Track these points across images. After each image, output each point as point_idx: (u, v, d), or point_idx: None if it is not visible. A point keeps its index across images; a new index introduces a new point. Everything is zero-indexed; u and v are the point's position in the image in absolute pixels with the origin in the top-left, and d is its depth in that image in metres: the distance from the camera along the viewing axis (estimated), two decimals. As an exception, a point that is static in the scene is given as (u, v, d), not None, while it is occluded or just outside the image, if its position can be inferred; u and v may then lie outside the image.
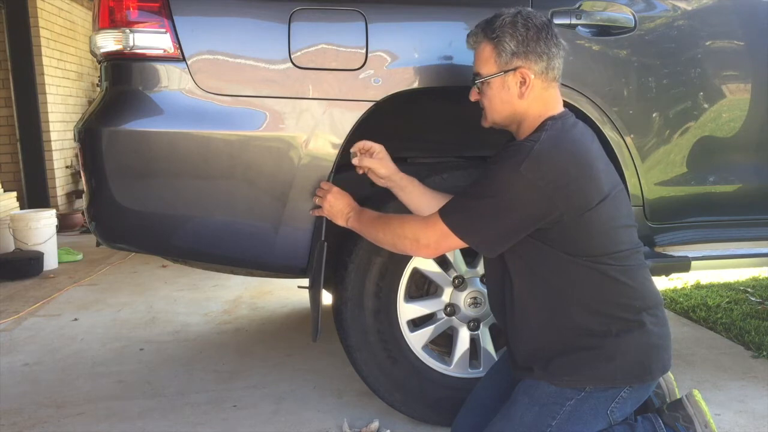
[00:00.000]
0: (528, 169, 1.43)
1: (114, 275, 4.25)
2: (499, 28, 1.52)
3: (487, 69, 1.56)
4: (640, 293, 1.55)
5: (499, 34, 1.52)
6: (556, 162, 1.45)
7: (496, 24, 1.53)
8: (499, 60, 1.54)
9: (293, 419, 2.11)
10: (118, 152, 1.67)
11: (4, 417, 2.18)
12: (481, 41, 1.56)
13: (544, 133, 1.50)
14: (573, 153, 1.48)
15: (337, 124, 1.72)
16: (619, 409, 1.54)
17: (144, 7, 1.63)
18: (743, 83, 2.06)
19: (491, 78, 1.55)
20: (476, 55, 1.59)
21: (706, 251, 2.07)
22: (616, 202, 1.54)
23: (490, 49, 1.54)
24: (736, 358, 2.53)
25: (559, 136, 1.50)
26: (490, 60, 1.55)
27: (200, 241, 1.76)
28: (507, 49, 1.52)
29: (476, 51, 1.59)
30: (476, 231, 1.51)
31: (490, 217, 1.48)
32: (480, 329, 1.99)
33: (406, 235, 1.59)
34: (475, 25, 1.59)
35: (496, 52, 1.53)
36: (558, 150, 1.47)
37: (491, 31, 1.53)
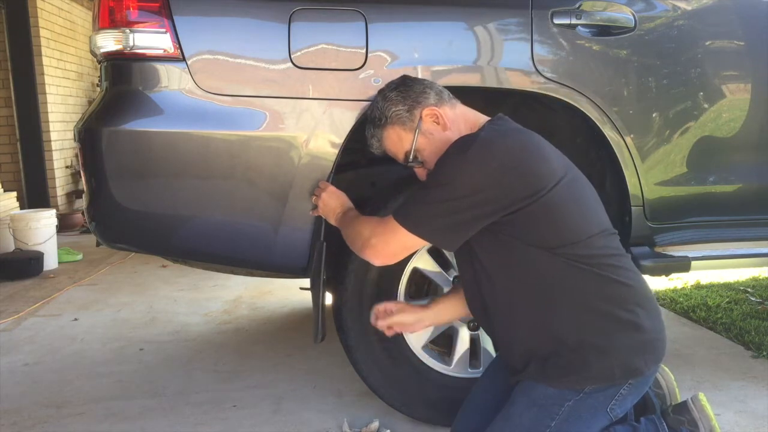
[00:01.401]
0: (475, 154, 1.43)
1: (114, 275, 4.25)
2: (381, 114, 1.62)
3: (407, 143, 1.62)
4: (627, 285, 1.52)
5: (386, 114, 1.61)
6: (503, 144, 1.46)
7: (375, 115, 1.64)
8: (405, 127, 1.61)
9: (293, 419, 2.11)
10: (118, 152, 1.67)
11: (4, 417, 2.18)
12: (382, 134, 1.64)
13: (486, 124, 1.57)
14: (518, 136, 1.50)
15: (337, 124, 1.72)
16: (619, 406, 1.54)
17: (144, 7, 1.63)
18: (743, 83, 2.06)
19: (415, 142, 1.60)
20: (389, 149, 1.66)
21: (706, 251, 2.07)
22: (577, 184, 1.52)
23: (393, 129, 1.62)
24: (736, 358, 2.53)
25: (502, 126, 1.55)
26: (401, 135, 1.61)
27: (200, 241, 1.76)
28: (402, 114, 1.60)
29: (387, 146, 1.66)
30: (428, 222, 1.50)
31: (442, 207, 1.47)
32: (480, 329, 1.99)
33: (360, 234, 1.60)
34: (365, 135, 1.68)
35: (398, 125, 1.61)
36: (503, 135, 1.50)
37: (379, 121, 1.63)
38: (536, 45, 1.82)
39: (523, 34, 1.82)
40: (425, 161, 1.63)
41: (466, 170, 1.44)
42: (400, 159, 1.65)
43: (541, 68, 1.82)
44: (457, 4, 1.82)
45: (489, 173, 1.43)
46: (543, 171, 1.46)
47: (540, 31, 1.82)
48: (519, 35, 1.82)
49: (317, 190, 1.75)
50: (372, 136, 1.67)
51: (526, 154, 1.45)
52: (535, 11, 1.81)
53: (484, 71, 1.80)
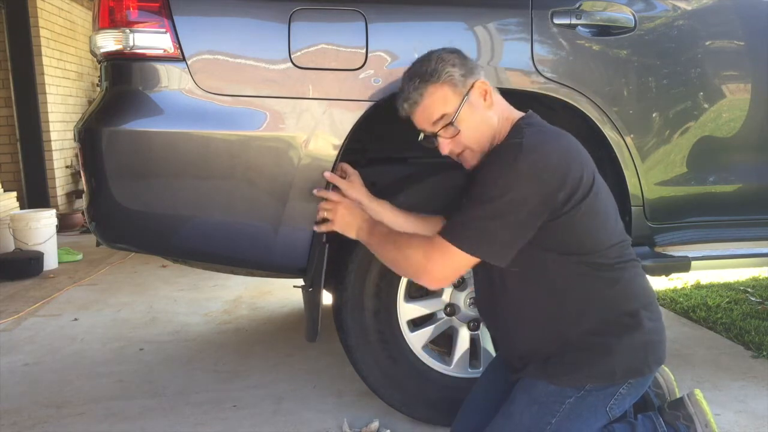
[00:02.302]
0: (524, 162, 1.42)
1: (114, 275, 4.25)
2: (434, 70, 1.54)
3: (451, 106, 1.54)
4: (633, 290, 1.55)
5: (439, 71, 1.54)
6: (549, 150, 1.46)
7: (425, 69, 1.54)
8: (455, 90, 1.54)
9: (293, 419, 2.11)
10: (118, 152, 1.67)
11: (4, 417, 2.18)
12: (427, 89, 1.54)
13: (525, 129, 1.52)
14: (559, 141, 1.50)
15: (337, 124, 1.72)
16: (618, 406, 1.55)
17: (144, 7, 1.63)
18: (743, 83, 2.06)
19: (460, 109, 1.54)
20: (427, 108, 1.56)
21: (706, 251, 2.07)
22: (605, 189, 1.55)
23: (442, 88, 1.54)
24: (736, 358, 2.53)
25: (541, 130, 1.53)
26: (448, 96, 1.54)
27: (200, 241, 1.76)
28: (456, 76, 1.54)
29: (426, 104, 1.55)
30: (486, 241, 1.46)
31: (499, 222, 1.44)
32: (480, 329, 1.99)
33: (411, 258, 1.53)
34: (402, 89, 1.58)
35: (449, 86, 1.54)
36: (546, 141, 1.49)
37: (431, 76, 1.54)
38: (536, 45, 1.82)
39: (523, 34, 1.82)
40: (461, 133, 1.55)
41: (518, 181, 1.42)
42: (434, 120, 1.56)
43: (541, 68, 1.82)
44: (457, 4, 1.82)
45: (540, 180, 1.43)
46: (585, 174, 1.48)
47: (540, 31, 1.82)
48: (519, 35, 1.82)
49: (329, 204, 1.68)
50: (413, 90, 1.55)
51: (569, 161, 1.47)
52: (535, 11, 1.81)
53: (484, 71, 1.79)
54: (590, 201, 1.48)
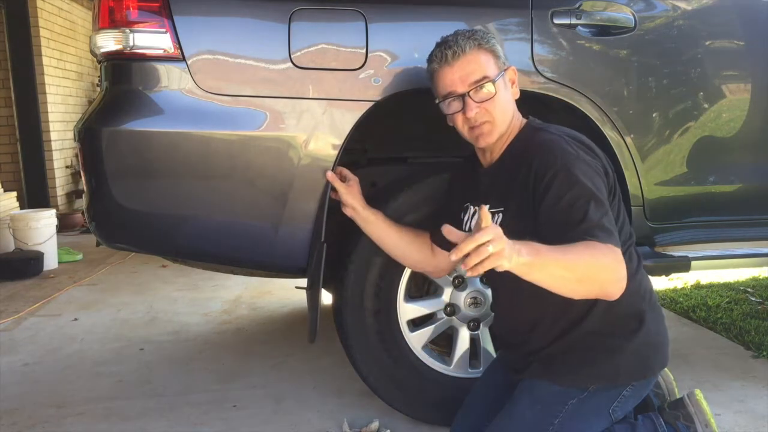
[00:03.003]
0: (577, 147, 1.48)
1: (114, 275, 4.25)
2: (484, 37, 1.55)
3: (492, 70, 1.53)
4: (640, 291, 1.55)
5: (490, 40, 1.55)
6: (582, 137, 1.54)
7: (478, 33, 1.55)
8: (497, 62, 1.55)
9: (293, 419, 2.11)
10: (118, 152, 1.67)
11: (4, 417, 2.18)
12: (475, 48, 1.52)
13: (544, 126, 1.58)
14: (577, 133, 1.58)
15: (337, 124, 1.72)
16: (620, 408, 1.55)
17: (144, 7, 1.63)
18: (743, 83, 2.06)
19: (498, 77, 1.53)
20: (471, 61, 1.51)
21: (706, 251, 2.07)
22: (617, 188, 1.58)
23: (488, 55, 1.54)
24: (736, 358, 2.53)
25: (554, 126, 1.59)
26: (491, 62, 1.54)
27: (200, 241, 1.76)
28: (499, 52, 1.56)
29: (469, 57, 1.52)
30: (613, 225, 1.41)
31: (605, 206, 1.41)
32: (480, 329, 1.99)
33: (598, 277, 1.35)
34: (445, 39, 1.55)
35: (493, 55, 1.54)
36: (569, 129, 1.57)
37: (482, 39, 1.54)
38: (536, 45, 1.82)
39: (523, 33, 1.82)
40: (493, 100, 1.52)
41: (583, 167, 1.44)
42: (473, 79, 1.51)
43: (541, 68, 1.82)
44: (457, 4, 1.82)
45: (595, 162, 1.49)
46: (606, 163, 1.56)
47: (540, 30, 1.82)
48: (519, 35, 1.82)
49: (480, 249, 1.18)
50: (462, 41, 1.51)
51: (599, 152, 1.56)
52: (535, 11, 1.81)
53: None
54: (615, 193, 1.52)
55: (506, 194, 1.54)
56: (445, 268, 1.83)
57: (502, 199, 1.56)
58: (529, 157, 1.48)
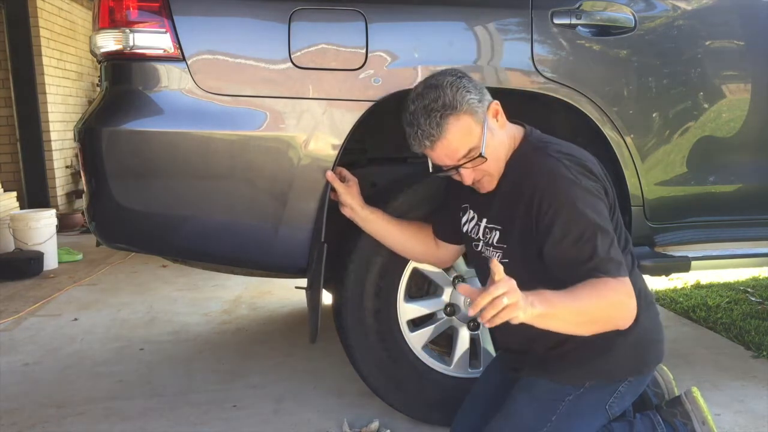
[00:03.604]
0: (579, 173, 1.43)
1: (114, 275, 4.25)
2: (453, 100, 1.44)
3: (475, 137, 1.46)
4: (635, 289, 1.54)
5: (459, 101, 1.44)
6: (584, 156, 1.50)
7: (444, 101, 1.44)
8: (476, 117, 1.47)
9: (293, 419, 2.11)
10: (118, 152, 1.67)
11: (4, 417, 2.18)
12: (448, 123, 1.44)
13: (545, 146, 1.52)
14: (578, 147, 1.54)
15: (337, 124, 1.72)
16: (617, 404, 1.56)
17: (144, 7, 1.63)
18: (743, 83, 2.06)
19: (485, 138, 1.46)
20: (452, 141, 1.45)
21: (706, 251, 2.07)
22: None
23: (465, 119, 1.45)
24: (736, 358, 2.53)
25: (555, 141, 1.55)
26: (471, 126, 1.46)
27: (200, 241, 1.76)
28: (475, 104, 1.46)
29: (449, 137, 1.45)
30: (619, 253, 1.43)
31: (611, 231, 1.42)
32: (480, 329, 1.99)
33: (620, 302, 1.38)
34: (417, 124, 1.45)
35: (471, 115, 1.46)
36: (570, 148, 1.52)
37: (450, 108, 1.44)
38: (536, 45, 1.82)
39: (523, 34, 1.82)
40: (485, 170, 1.51)
41: (590, 191, 1.43)
42: (459, 156, 1.47)
43: (541, 68, 1.82)
44: (457, 4, 1.82)
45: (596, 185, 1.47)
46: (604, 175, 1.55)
47: (540, 31, 1.82)
48: (519, 35, 1.83)
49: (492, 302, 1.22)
50: (434, 125, 1.44)
51: (598, 168, 1.53)
52: (535, 11, 1.81)
53: (484, 71, 1.79)
54: (615, 208, 1.52)
55: (505, 216, 1.54)
56: (449, 259, 1.85)
57: (500, 218, 1.56)
58: (530, 184, 1.46)
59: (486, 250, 1.61)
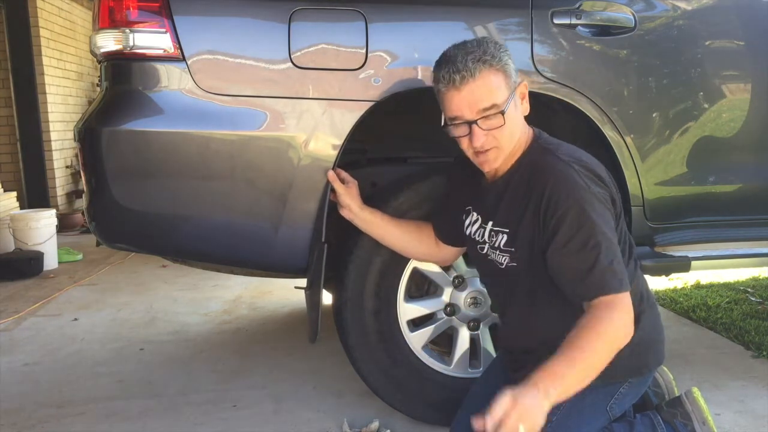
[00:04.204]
0: (588, 179, 1.42)
1: (114, 275, 4.25)
2: (496, 55, 1.43)
3: (501, 95, 1.44)
4: (637, 297, 1.55)
5: (502, 59, 1.44)
6: (591, 161, 1.49)
7: (489, 51, 1.43)
8: (508, 81, 1.45)
9: (293, 419, 2.11)
10: (118, 152, 1.67)
11: (4, 417, 2.18)
12: (485, 68, 1.42)
13: (556, 148, 1.50)
14: (584, 152, 1.53)
15: (337, 124, 1.72)
16: (618, 405, 1.56)
17: (144, 7, 1.63)
18: (743, 83, 2.06)
19: (509, 102, 1.45)
20: (480, 86, 1.42)
21: (706, 251, 2.07)
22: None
23: (499, 76, 1.43)
24: (736, 358, 2.53)
25: (565, 144, 1.53)
26: (501, 85, 1.44)
27: (200, 241, 1.76)
28: (511, 69, 1.46)
29: (479, 82, 1.42)
30: (622, 265, 1.41)
31: (614, 245, 1.41)
32: (480, 329, 1.99)
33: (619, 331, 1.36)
34: (453, 60, 1.43)
35: (504, 74, 1.44)
36: (579, 152, 1.50)
37: (493, 58, 1.42)
38: (536, 45, 1.82)
39: (523, 34, 1.82)
40: (498, 138, 1.46)
41: (595, 198, 1.41)
42: (481, 106, 1.43)
43: (541, 68, 1.82)
44: (457, 4, 1.82)
45: (604, 191, 1.45)
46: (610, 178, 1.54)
47: (540, 30, 1.82)
48: (519, 35, 1.82)
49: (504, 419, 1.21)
50: (471, 63, 1.40)
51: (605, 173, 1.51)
52: (535, 11, 1.81)
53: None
54: (620, 217, 1.51)
55: (513, 218, 1.53)
56: (451, 258, 1.85)
57: (507, 220, 1.55)
58: (540, 186, 1.44)
59: (492, 253, 1.59)
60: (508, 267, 1.55)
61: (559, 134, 1.89)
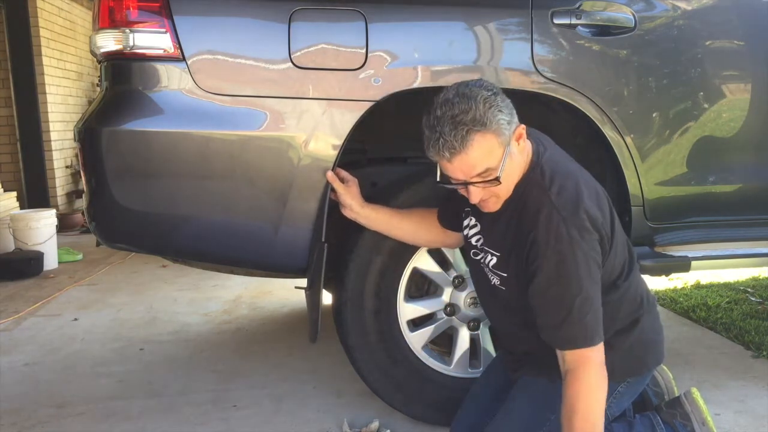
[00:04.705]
0: (575, 228, 1.39)
1: (114, 275, 4.25)
2: (483, 117, 1.37)
3: (495, 159, 1.40)
4: (637, 294, 1.56)
5: (489, 119, 1.38)
6: (587, 205, 1.42)
7: (474, 116, 1.37)
8: (501, 140, 1.40)
9: (293, 419, 2.11)
10: (118, 152, 1.67)
11: (4, 417, 2.18)
12: (473, 139, 1.37)
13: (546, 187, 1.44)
14: (579, 178, 1.48)
15: (337, 124, 1.72)
16: (616, 404, 1.56)
17: (144, 7, 1.63)
18: (743, 83, 2.06)
19: (504, 161, 1.41)
20: (471, 157, 1.39)
21: (706, 251, 2.07)
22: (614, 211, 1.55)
23: (490, 138, 1.39)
24: (736, 358, 2.53)
25: (558, 167, 1.49)
26: (494, 147, 1.40)
27: (200, 241, 1.76)
28: (503, 125, 1.40)
29: (470, 153, 1.38)
30: (597, 323, 1.41)
31: (592, 295, 1.40)
32: (480, 329, 1.99)
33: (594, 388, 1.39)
34: (440, 131, 1.38)
35: (497, 136, 1.39)
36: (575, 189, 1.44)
37: (479, 123, 1.37)
38: (536, 45, 1.82)
39: (523, 34, 1.82)
40: (495, 192, 1.47)
41: (582, 250, 1.39)
42: (475, 173, 1.41)
43: (541, 68, 1.82)
44: (457, 4, 1.82)
45: (595, 232, 1.42)
46: (606, 198, 1.51)
47: (540, 31, 1.82)
48: (519, 35, 1.82)
49: None
50: (459, 137, 1.37)
51: (600, 204, 1.47)
52: (535, 11, 1.81)
53: (484, 71, 1.79)
54: (612, 244, 1.49)
55: (504, 246, 1.53)
56: (458, 242, 1.83)
57: (497, 245, 1.56)
58: (527, 228, 1.43)
59: (485, 267, 1.61)
60: (496, 288, 1.58)
61: (559, 134, 1.90)
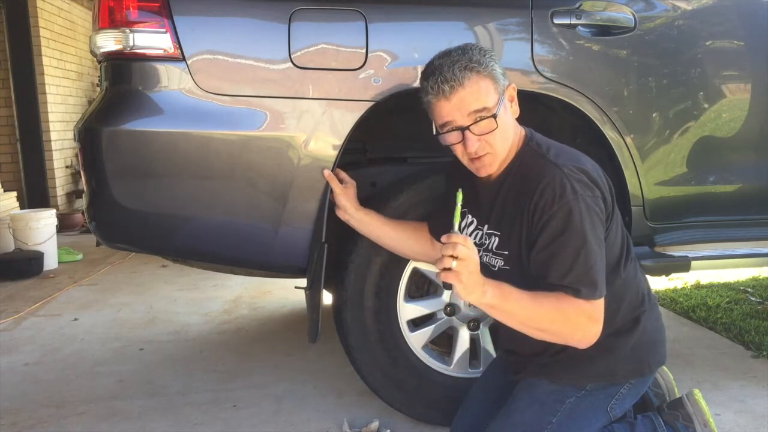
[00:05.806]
0: (578, 183, 1.40)
1: (114, 275, 4.25)
2: (481, 60, 1.43)
3: (491, 99, 1.44)
4: (638, 293, 1.56)
5: (487, 63, 1.44)
6: (585, 164, 1.46)
7: (472, 58, 1.43)
8: (496, 86, 1.45)
9: (293, 419, 2.11)
10: (118, 152, 1.67)
11: (4, 417, 2.18)
12: (472, 76, 1.42)
13: (547, 150, 1.49)
14: (580, 153, 1.51)
15: (337, 124, 1.72)
16: (618, 405, 1.56)
17: (144, 7, 1.63)
18: (743, 83, 2.06)
19: (500, 105, 1.45)
20: (469, 93, 1.42)
21: (706, 251, 2.07)
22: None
23: (486, 81, 1.44)
24: (736, 358, 2.53)
25: (557, 145, 1.52)
26: (490, 89, 1.44)
27: (200, 241, 1.76)
28: (498, 73, 1.46)
29: (468, 89, 1.42)
30: (602, 277, 1.41)
31: (598, 251, 1.41)
32: (480, 329, 1.99)
33: (573, 328, 1.41)
34: (440, 69, 1.43)
35: (492, 80, 1.44)
36: (573, 153, 1.49)
37: (479, 64, 1.43)
38: (536, 45, 1.82)
39: (523, 34, 1.82)
40: (494, 132, 1.45)
41: (588, 208, 1.40)
42: (472, 110, 1.43)
43: (541, 68, 1.82)
44: (457, 4, 1.82)
45: (602, 197, 1.44)
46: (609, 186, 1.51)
47: (540, 30, 1.82)
48: (519, 35, 1.83)
49: (441, 260, 1.35)
50: (458, 72, 1.41)
51: (598, 170, 1.49)
52: (535, 11, 1.81)
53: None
54: (613, 217, 1.50)
55: (505, 222, 1.53)
56: None
57: (498, 224, 1.55)
58: (530, 190, 1.44)
59: (486, 255, 1.59)
60: (500, 270, 1.56)
61: (559, 134, 1.90)
